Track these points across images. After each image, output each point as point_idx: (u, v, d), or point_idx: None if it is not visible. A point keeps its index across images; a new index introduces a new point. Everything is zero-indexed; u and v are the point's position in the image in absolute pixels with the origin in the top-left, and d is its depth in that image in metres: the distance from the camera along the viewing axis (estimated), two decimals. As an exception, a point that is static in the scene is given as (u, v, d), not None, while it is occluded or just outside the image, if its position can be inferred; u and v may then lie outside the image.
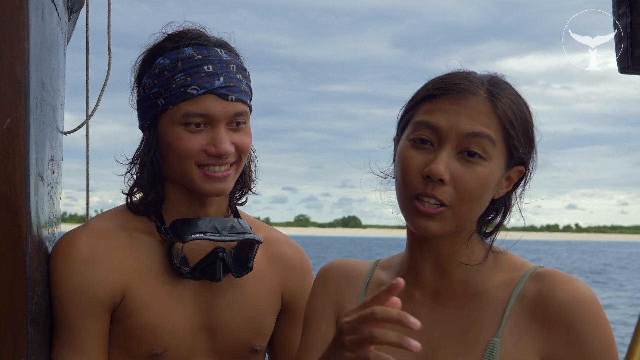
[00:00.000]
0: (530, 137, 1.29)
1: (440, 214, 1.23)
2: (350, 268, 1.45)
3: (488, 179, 1.24)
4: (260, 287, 1.64)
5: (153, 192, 1.55)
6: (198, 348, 1.58)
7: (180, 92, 1.47)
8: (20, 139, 1.25)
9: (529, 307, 1.24)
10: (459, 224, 1.26)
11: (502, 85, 1.28)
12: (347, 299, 1.41)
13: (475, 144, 1.22)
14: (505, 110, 1.24)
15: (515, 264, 1.32)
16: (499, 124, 1.24)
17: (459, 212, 1.24)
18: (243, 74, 1.55)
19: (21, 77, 1.24)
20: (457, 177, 1.22)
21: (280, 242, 1.72)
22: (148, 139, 1.55)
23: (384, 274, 1.42)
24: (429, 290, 1.33)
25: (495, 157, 1.24)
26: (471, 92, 1.24)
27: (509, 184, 1.31)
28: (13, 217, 1.24)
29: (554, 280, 1.23)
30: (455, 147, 1.23)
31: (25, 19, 1.25)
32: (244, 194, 1.67)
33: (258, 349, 1.66)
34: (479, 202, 1.25)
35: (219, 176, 1.51)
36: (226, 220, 1.57)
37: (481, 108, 1.23)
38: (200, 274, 1.53)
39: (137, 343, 1.52)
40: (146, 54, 1.56)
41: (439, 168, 1.20)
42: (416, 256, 1.34)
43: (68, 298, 1.47)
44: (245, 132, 1.54)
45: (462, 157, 1.23)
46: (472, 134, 1.22)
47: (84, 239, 1.51)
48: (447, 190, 1.22)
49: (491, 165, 1.23)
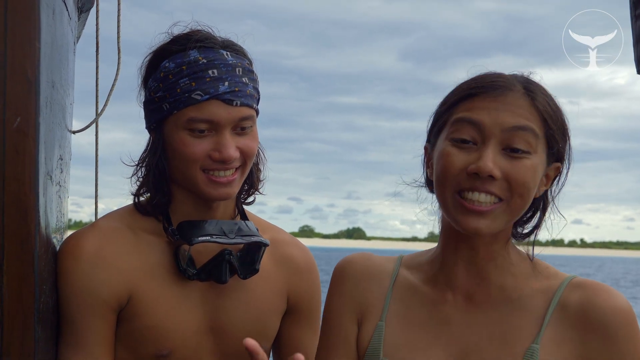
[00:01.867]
0: (566, 131, 1.29)
1: (492, 211, 1.22)
2: (372, 264, 1.43)
3: (536, 172, 1.24)
4: (266, 288, 1.64)
5: (159, 194, 1.55)
6: (203, 349, 1.57)
7: (184, 98, 1.46)
8: (30, 138, 1.25)
9: (569, 316, 1.24)
10: (510, 220, 1.26)
11: (535, 82, 1.29)
12: (371, 296, 1.39)
13: (519, 137, 1.22)
14: (543, 104, 1.25)
15: (549, 272, 1.32)
16: (540, 117, 1.24)
17: (514, 206, 1.23)
18: (249, 77, 1.53)
19: (32, 77, 1.25)
20: (507, 171, 1.21)
21: (287, 244, 1.71)
22: (154, 142, 1.55)
23: (412, 274, 1.39)
24: (462, 292, 1.32)
25: (539, 151, 1.24)
26: (509, 88, 1.24)
27: (547, 182, 1.31)
28: (22, 215, 1.25)
29: (595, 290, 1.24)
30: (499, 144, 1.22)
31: (37, 19, 1.26)
32: (251, 194, 1.67)
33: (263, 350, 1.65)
34: (530, 196, 1.25)
35: (223, 181, 1.51)
36: (233, 223, 1.57)
37: (521, 103, 1.23)
38: (207, 275, 1.53)
39: (143, 344, 1.52)
40: (152, 56, 1.56)
41: (487, 164, 1.19)
42: (450, 256, 1.32)
43: (74, 298, 1.47)
44: (251, 137, 1.54)
45: (506, 153, 1.22)
46: (516, 127, 1.21)
47: (92, 239, 1.50)
48: (501, 184, 1.21)
49: (536, 159, 1.24)
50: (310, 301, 1.72)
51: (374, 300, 1.38)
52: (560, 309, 1.25)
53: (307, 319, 1.72)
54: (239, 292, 1.60)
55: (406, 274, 1.40)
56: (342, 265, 1.45)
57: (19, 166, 1.23)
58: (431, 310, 1.33)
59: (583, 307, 1.23)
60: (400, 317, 1.35)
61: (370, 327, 1.37)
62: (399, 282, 1.39)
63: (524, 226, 1.35)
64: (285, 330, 1.70)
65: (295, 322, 1.70)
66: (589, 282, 1.27)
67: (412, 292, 1.37)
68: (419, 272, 1.39)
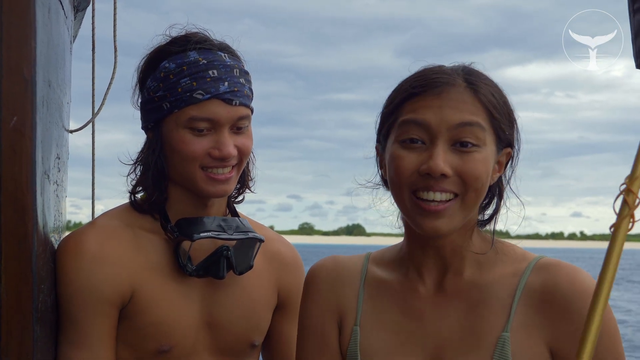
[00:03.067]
0: (511, 117, 1.30)
1: (448, 209, 1.22)
2: (341, 265, 1.43)
3: (487, 164, 1.24)
4: (258, 284, 1.68)
5: (157, 192, 1.57)
6: (201, 344, 1.60)
7: (186, 97, 1.49)
8: (27, 138, 1.25)
9: (535, 300, 1.23)
10: (467, 215, 1.26)
11: (476, 72, 1.29)
12: (345, 300, 1.39)
13: (466, 133, 1.22)
14: (486, 96, 1.25)
15: (516, 255, 1.31)
16: (484, 109, 1.24)
17: (469, 201, 1.23)
18: (245, 78, 1.57)
19: (28, 76, 1.25)
20: (458, 168, 1.22)
21: (274, 241, 1.76)
22: (152, 141, 1.57)
23: (381, 270, 1.39)
24: (432, 285, 1.32)
25: (487, 142, 1.25)
26: (450, 83, 1.24)
27: (499, 168, 1.31)
28: (19, 214, 1.25)
29: (557, 271, 1.23)
30: (447, 141, 1.22)
31: (32, 18, 1.26)
32: (241, 193, 1.71)
33: (256, 344, 1.70)
34: (484, 188, 1.25)
35: (222, 178, 1.54)
36: (231, 220, 1.60)
37: (464, 97, 1.24)
38: (205, 271, 1.56)
39: (145, 340, 1.54)
40: (150, 57, 1.58)
41: (438, 164, 1.20)
42: (418, 253, 1.32)
43: (77, 296, 1.48)
44: (247, 135, 1.58)
45: (456, 149, 1.22)
46: (463, 123, 1.22)
47: (93, 237, 1.52)
48: (454, 180, 1.22)
49: (486, 151, 1.24)
50: (298, 295, 1.72)
51: (348, 303, 1.38)
52: (527, 293, 1.24)
53: (295, 313, 1.72)
54: (234, 287, 1.63)
55: (375, 270, 1.40)
56: (313, 272, 1.46)
57: (16, 165, 1.23)
58: (403, 306, 1.33)
59: (547, 289, 1.22)
60: (374, 318, 1.35)
61: (347, 331, 1.37)
62: (368, 280, 1.39)
63: (483, 213, 1.34)
64: (274, 325, 1.74)
65: (284, 317, 1.75)
66: (553, 263, 1.25)
67: (383, 289, 1.36)
68: (388, 268, 1.38)
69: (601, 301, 0.99)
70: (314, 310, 1.42)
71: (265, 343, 1.76)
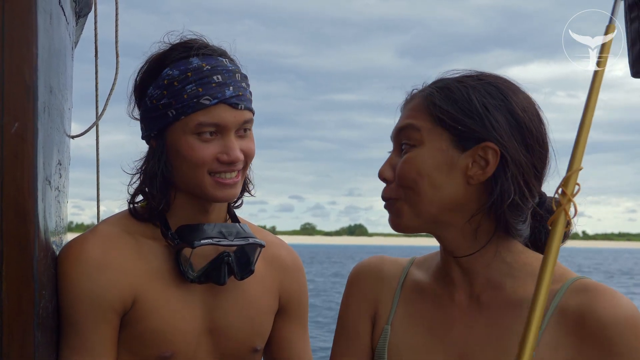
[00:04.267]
0: (477, 112, 1.24)
1: (394, 208, 1.30)
2: (384, 266, 1.45)
3: (422, 162, 1.26)
4: (259, 289, 1.68)
5: (164, 200, 1.56)
6: (202, 350, 1.60)
7: (192, 103, 1.49)
8: (28, 143, 1.25)
9: (568, 321, 1.20)
10: (421, 212, 1.27)
11: (447, 78, 1.32)
12: (381, 299, 1.41)
13: (402, 137, 1.30)
14: (433, 99, 1.28)
15: (555, 272, 1.25)
16: (426, 112, 1.28)
17: (410, 200, 1.28)
18: (246, 82, 1.58)
19: (29, 82, 1.25)
20: (397, 170, 1.30)
21: (275, 245, 1.76)
22: (156, 150, 1.57)
23: (422, 274, 1.41)
24: (465, 293, 1.32)
25: (426, 141, 1.27)
26: (414, 96, 1.33)
27: (485, 165, 1.24)
28: (21, 220, 1.25)
29: (595, 296, 1.19)
30: (397, 147, 1.33)
31: (34, 24, 1.26)
32: (240, 198, 1.71)
33: (258, 349, 1.70)
34: (424, 186, 1.26)
35: (229, 183, 1.54)
36: (232, 226, 1.60)
37: (412, 105, 1.31)
38: (206, 277, 1.56)
39: (146, 347, 1.54)
40: (150, 65, 1.58)
41: (379, 171, 1.32)
42: (445, 261, 1.35)
43: (80, 303, 1.48)
44: (250, 139, 1.58)
45: (400, 151, 1.31)
46: (398, 129, 1.32)
47: (96, 244, 1.52)
48: (392, 187, 1.30)
49: (421, 150, 1.27)
50: (299, 300, 1.77)
51: (384, 302, 1.41)
52: (559, 313, 1.21)
53: (297, 317, 1.77)
54: (235, 293, 1.63)
55: (416, 274, 1.41)
56: (357, 270, 1.48)
57: (17, 171, 1.23)
58: (437, 311, 1.34)
59: (582, 313, 1.19)
60: (406, 319, 1.37)
61: (378, 329, 1.39)
62: (407, 283, 1.41)
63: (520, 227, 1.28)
64: (275, 329, 1.74)
65: (285, 321, 1.75)
66: (591, 286, 1.21)
67: (420, 292, 1.38)
68: (427, 273, 1.40)
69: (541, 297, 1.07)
70: (353, 307, 1.44)
71: (266, 348, 1.76)
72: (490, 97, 1.25)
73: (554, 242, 1.10)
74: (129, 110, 1.64)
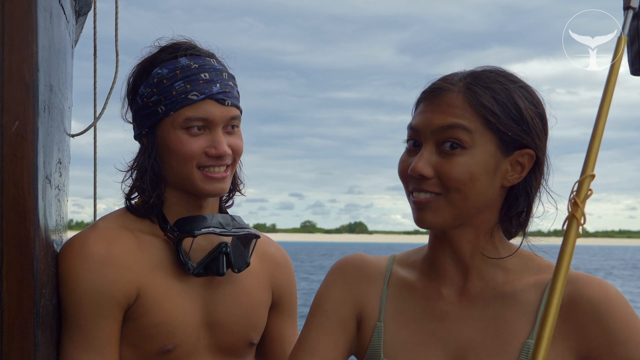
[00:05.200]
0: (524, 119, 1.27)
1: (433, 203, 1.26)
2: (367, 264, 1.45)
3: (473, 166, 1.25)
4: (254, 283, 1.72)
5: (155, 196, 1.60)
6: (202, 343, 1.63)
7: (181, 99, 1.56)
8: (28, 142, 1.25)
9: (562, 310, 1.21)
10: (458, 213, 1.27)
11: (484, 75, 1.29)
12: (367, 298, 1.40)
13: (450, 135, 1.25)
14: (480, 99, 1.25)
15: (541, 265, 1.32)
16: (475, 112, 1.25)
17: (453, 199, 1.25)
18: (233, 82, 1.65)
19: (29, 81, 1.25)
20: (439, 169, 1.25)
21: (263, 242, 1.80)
22: (146, 146, 1.61)
23: (405, 271, 1.41)
24: (455, 287, 1.33)
25: (478, 144, 1.25)
26: (445, 89, 1.28)
27: (521, 170, 1.29)
28: (21, 219, 1.25)
29: (584, 283, 1.25)
30: (435, 144, 1.26)
31: (34, 23, 1.26)
32: (231, 197, 1.76)
33: (254, 343, 1.74)
34: (473, 189, 1.25)
35: (218, 177, 1.60)
36: (229, 216, 1.65)
37: (453, 102, 1.26)
38: (205, 269, 1.60)
39: (149, 340, 1.56)
40: (141, 66, 1.64)
41: (416, 166, 1.26)
42: (438, 253, 1.34)
43: (84, 299, 1.49)
44: (238, 136, 1.64)
45: (442, 150, 1.26)
46: (444, 127, 1.25)
47: (98, 240, 1.54)
48: (434, 182, 1.26)
49: (474, 153, 1.25)
50: (290, 294, 1.83)
51: (371, 301, 1.40)
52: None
53: (288, 311, 1.82)
54: (232, 286, 1.67)
55: (400, 271, 1.41)
56: (340, 262, 1.48)
57: (17, 170, 1.24)
58: (426, 306, 1.34)
59: (573, 300, 1.24)
60: (397, 315, 1.37)
61: (369, 328, 1.38)
62: (393, 280, 1.40)
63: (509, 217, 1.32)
64: (269, 324, 1.78)
65: (277, 315, 1.80)
66: (579, 275, 1.27)
67: (406, 289, 1.38)
68: (412, 269, 1.40)
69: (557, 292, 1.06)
70: (335, 296, 1.42)
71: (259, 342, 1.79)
72: (529, 102, 1.29)
73: (568, 248, 1.08)
74: (122, 113, 1.69)
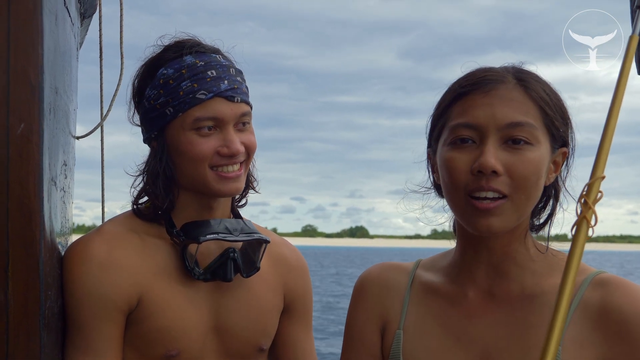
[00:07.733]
0: (565, 115, 1.27)
1: (500, 207, 1.19)
2: (388, 273, 1.43)
3: (539, 163, 1.21)
4: (264, 287, 1.68)
5: (168, 199, 1.57)
6: (208, 349, 1.60)
7: (188, 99, 1.51)
8: (34, 144, 1.25)
9: (593, 315, 1.20)
10: (520, 215, 1.23)
11: (527, 71, 1.27)
12: (390, 306, 1.39)
13: (518, 132, 1.19)
14: (538, 93, 1.22)
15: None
16: (536, 106, 1.22)
17: (519, 202, 1.20)
18: (241, 76, 1.60)
19: (35, 83, 1.25)
20: (509, 165, 1.19)
21: (278, 244, 1.76)
22: (157, 149, 1.57)
23: (430, 274, 1.39)
24: (482, 290, 1.30)
25: (541, 140, 1.22)
26: (500, 81, 1.22)
27: (556, 169, 1.28)
28: (26, 221, 1.25)
29: (617, 289, 1.20)
30: (499, 138, 1.20)
31: (39, 25, 1.26)
32: (244, 196, 1.71)
33: (264, 348, 1.69)
34: (536, 189, 1.22)
35: (232, 176, 1.55)
36: (236, 221, 1.61)
37: (514, 95, 1.21)
38: (212, 274, 1.56)
39: (152, 345, 1.54)
40: (146, 67, 1.60)
41: (489, 160, 1.17)
42: (469, 256, 1.31)
43: (85, 302, 1.48)
44: (250, 132, 1.59)
45: (508, 145, 1.20)
46: (513, 124, 1.19)
47: (100, 243, 1.52)
48: (504, 180, 1.19)
49: (539, 149, 1.21)
50: (304, 298, 1.77)
51: (393, 308, 1.38)
52: (582, 308, 1.21)
53: (301, 316, 1.77)
54: (241, 291, 1.63)
55: (424, 275, 1.39)
56: (361, 280, 1.46)
57: (23, 172, 1.23)
58: (451, 309, 1.32)
59: (604, 307, 1.19)
60: (419, 321, 1.35)
61: (389, 336, 1.37)
62: (416, 285, 1.39)
63: (539, 215, 1.32)
64: (281, 329, 1.74)
65: (290, 320, 1.75)
66: (611, 280, 1.21)
67: (431, 292, 1.36)
68: (437, 273, 1.38)
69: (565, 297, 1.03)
70: (360, 318, 1.42)
71: (271, 348, 1.76)
72: (563, 104, 1.28)
73: (577, 250, 1.06)
74: (129, 116, 1.65)
